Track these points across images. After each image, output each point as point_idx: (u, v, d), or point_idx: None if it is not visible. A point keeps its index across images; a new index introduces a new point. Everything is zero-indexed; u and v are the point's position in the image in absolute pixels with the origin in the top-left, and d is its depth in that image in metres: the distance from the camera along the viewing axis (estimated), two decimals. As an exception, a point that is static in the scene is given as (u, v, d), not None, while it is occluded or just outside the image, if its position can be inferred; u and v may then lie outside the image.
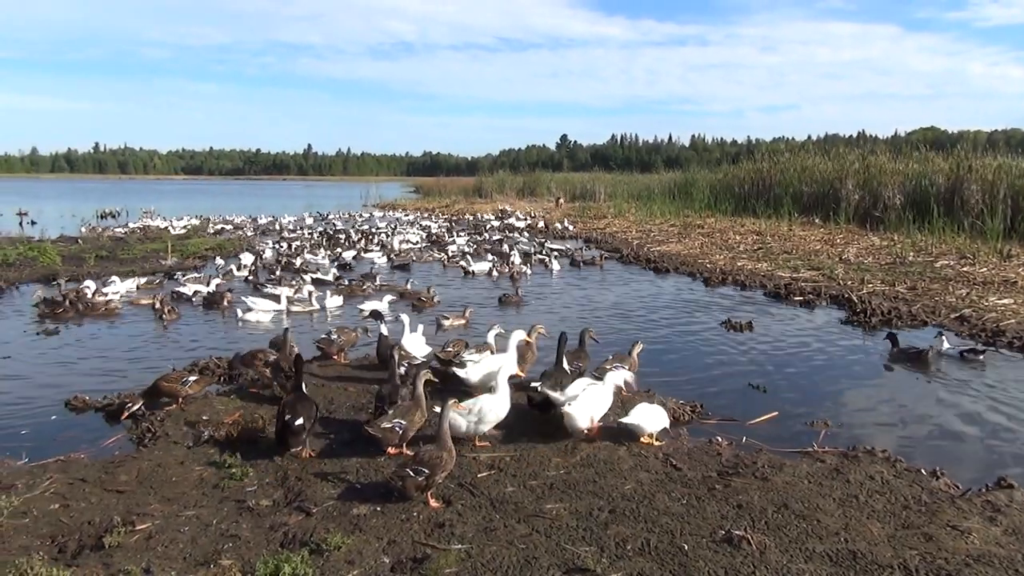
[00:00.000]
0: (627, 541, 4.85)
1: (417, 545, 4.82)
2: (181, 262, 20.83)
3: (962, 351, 10.06)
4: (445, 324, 12.10)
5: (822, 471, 6.11)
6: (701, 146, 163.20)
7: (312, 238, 28.14)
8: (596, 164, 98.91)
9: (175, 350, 10.65)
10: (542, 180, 60.62)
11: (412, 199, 65.26)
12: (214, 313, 13.54)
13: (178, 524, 5.17)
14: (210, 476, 6.03)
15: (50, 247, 21.84)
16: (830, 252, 20.93)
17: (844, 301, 14.08)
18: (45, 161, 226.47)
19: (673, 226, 30.13)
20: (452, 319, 12.28)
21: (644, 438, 6.66)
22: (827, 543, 4.84)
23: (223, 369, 9.12)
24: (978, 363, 9.73)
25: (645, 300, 15.14)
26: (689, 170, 46.91)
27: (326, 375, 9.09)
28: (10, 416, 7.79)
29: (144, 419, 7.40)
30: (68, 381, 9.04)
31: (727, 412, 7.82)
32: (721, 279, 17.35)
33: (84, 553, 4.81)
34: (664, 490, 5.67)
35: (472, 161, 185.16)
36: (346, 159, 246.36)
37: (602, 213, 38.46)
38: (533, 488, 5.73)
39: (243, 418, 7.22)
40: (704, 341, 11.37)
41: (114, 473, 6.09)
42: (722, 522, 5.11)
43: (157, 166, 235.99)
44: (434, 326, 11.90)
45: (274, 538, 4.96)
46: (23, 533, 5.07)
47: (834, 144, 54.38)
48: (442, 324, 12.10)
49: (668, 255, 21.90)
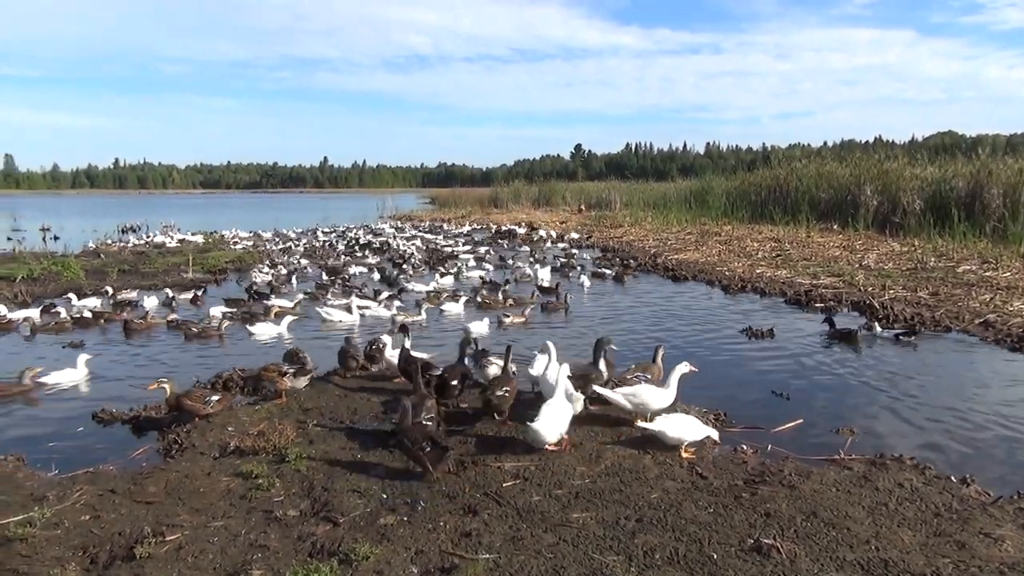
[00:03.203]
0: (655, 550, 4.83)
1: (445, 555, 4.82)
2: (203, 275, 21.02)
3: (896, 334, 11.60)
4: (506, 322, 13.12)
5: (850, 479, 6.06)
6: (716, 154, 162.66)
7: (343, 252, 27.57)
8: (611, 173, 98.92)
9: (202, 361, 10.74)
10: (557, 190, 60.56)
11: (427, 210, 65.51)
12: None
13: (207, 535, 5.21)
14: (237, 487, 6.07)
15: (73, 261, 22.13)
16: (849, 258, 20.77)
17: (866, 307, 13.96)
18: (66, 177, 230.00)
19: (690, 234, 30.03)
20: (512, 318, 13.30)
21: (683, 451, 6.62)
22: (858, 551, 4.80)
23: (245, 381, 9.19)
24: (911, 344, 11.18)
25: (664, 308, 15.09)
26: (704, 178, 46.65)
27: (348, 386, 9.13)
28: (39, 428, 7.90)
29: (171, 431, 7.48)
30: (95, 393, 9.16)
31: (751, 420, 7.77)
32: (740, 286, 17.27)
33: (115, 564, 4.85)
34: (691, 499, 5.65)
35: (487, 171, 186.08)
36: (362, 171, 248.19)
37: (618, 222, 38.41)
38: (559, 497, 5.72)
39: (267, 429, 7.27)
40: (725, 349, 11.32)
41: (143, 484, 6.14)
42: (750, 531, 5.08)
43: (176, 181, 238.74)
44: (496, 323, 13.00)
45: (302, 548, 4.98)
46: (55, 544, 5.13)
47: (850, 150, 54.15)
48: (503, 322, 13.11)
49: (686, 263, 21.83)
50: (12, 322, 13.39)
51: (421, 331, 12.80)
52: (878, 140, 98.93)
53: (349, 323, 13.60)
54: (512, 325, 13.12)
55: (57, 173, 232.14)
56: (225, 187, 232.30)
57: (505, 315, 13.48)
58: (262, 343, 12.09)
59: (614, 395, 7.35)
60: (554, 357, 7.78)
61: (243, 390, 9.01)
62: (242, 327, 12.98)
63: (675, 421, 6.72)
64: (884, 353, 10.91)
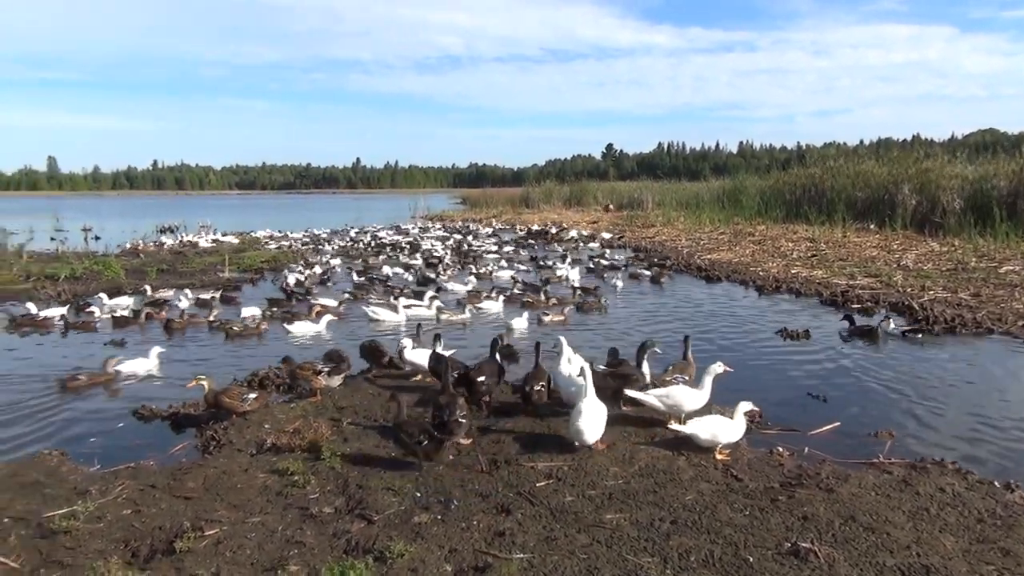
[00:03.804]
0: (690, 552, 4.79)
1: (479, 554, 4.84)
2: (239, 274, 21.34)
3: (903, 331, 11.87)
4: (546, 320, 13.34)
5: (889, 483, 5.95)
6: (749, 153, 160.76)
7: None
8: (642, 173, 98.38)
9: (240, 360, 10.90)
10: (589, 189, 60.31)
11: (459, 210, 65.73)
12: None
13: (245, 530, 5.29)
14: (273, 483, 6.15)
15: (114, 261, 22.63)
16: (887, 258, 20.40)
17: (904, 308, 13.72)
18: (107, 179, 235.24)
19: (723, 234, 29.74)
20: (552, 316, 13.53)
21: (718, 453, 6.56)
22: (898, 557, 4.71)
23: (281, 379, 9.31)
24: (917, 341, 11.50)
25: (698, 309, 14.97)
26: (738, 177, 46.09)
27: (382, 385, 9.20)
28: (82, 424, 8.09)
29: (209, 428, 7.61)
30: (136, 390, 9.35)
31: (787, 422, 7.68)
32: (775, 287, 17.06)
33: (156, 557, 4.95)
34: (726, 501, 5.59)
35: (518, 172, 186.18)
36: (394, 172, 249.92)
37: (650, 222, 38.17)
38: (592, 498, 5.70)
39: (303, 427, 7.36)
40: (760, 350, 11.19)
41: (182, 480, 6.26)
42: (787, 534, 5.02)
43: (212, 182, 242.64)
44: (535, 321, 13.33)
45: (338, 545, 5.03)
46: (98, 537, 5.24)
47: (888, 148, 53.15)
48: (543, 320, 13.35)
49: (719, 263, 21.62)
50: (47, 320, 13.73)
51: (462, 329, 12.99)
52: (916, 138, 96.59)
53: (395, 322, 13.67)
54: (552, 323, 13.26)
55: (98, 175, 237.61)
56: (260, 188, 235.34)
57: (545, 313, 13.70)
58: (301, 342, 12.23)
59: (647, 397, 7.31)
60: (568, 354, 7.88)
61: (279, 388, 9.13)
62: (281, 326, 13.15)
63: (708, 423, 6.66)
64: (924, 355, 10.70)
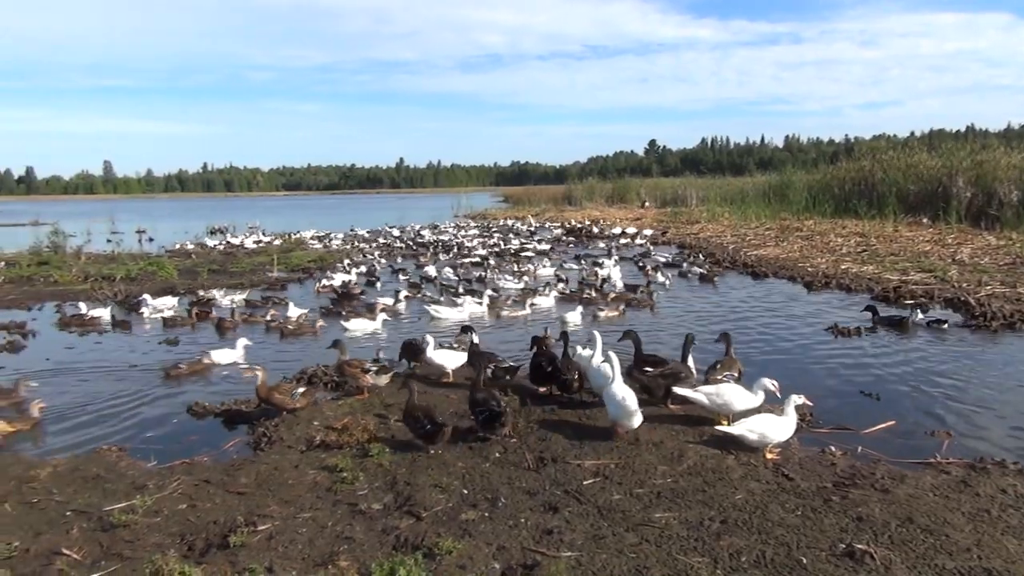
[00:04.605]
0: (741, 553, 4.72)
1: (527, 551, 4.83)
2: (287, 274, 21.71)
3: (928, 321, 12.01)
4: (601, 315, 13.63)
5: (947, 483, 5.78)
6: (796, 146, 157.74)
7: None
8: (686, 168, 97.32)
9: (294, 356, 11.10)
10: (631, 186, 59.90)
11: (501, 208, 65.86)
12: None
13: (296, 525, 5.38)
14: (323, 480, 6.24)
15: (167, 262, 23.26)
16: (941, 253, 19.85)
17: (960, 304, 13.33)
18: (159, 182, 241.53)
19: (769, 229, 29.26)
20: (608, 311, 13.80)
21: (768, 452, 6.46)
22: (958, 560, 4.57)
23: (329, 376, 9.45)
24: (942, 330, 11.65)
25: (745, 305, 14.75)
26: (784, 172, 45.28)
27: (428, 382, 9.26)
28: (139, 420, 8.32)
29: (260, 424, 7.76)
30: (189, 387, 9.58)
31: (839, 420, 7.51)
32: (824, 283, 16.71)
33: (211, 551, 5.06)
34: (777, 501, 5.49)
35: (560, 169, 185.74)
36: (437, 171, 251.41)
37: (695, 218, 37.76)
38: (640, 496, 5.66)
39: (351, 424, 7.45)
40: (810, 347, 10.97)
41: (234, 475, 6.39)
42: (842, 535, 4.90)
43: (260, 183, 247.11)
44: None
45: (387, 541, 5.08)
46: (155, 531, 5.38)
47: (941, 139, 51.70)
48: (598, 316, 13.63)
49: (766, 259, 21.27)
50: (94, 319, 14.19)
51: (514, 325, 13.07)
52: (970, 129, 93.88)
53: (457, 320, 13.75)
54: (607, 319, 13.50)
55: (151, 178, 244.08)
56: (306, 189, 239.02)
57: (600, 308, 13.98)
58: (357, 339, 12.36)
59: (695, 394, 7.22)
60: (599, 348, 8.03)
61: (327, 386, 9.27)
62: (339, 323, 13.30)
63: (757, 423, 6.51)
64: (980, 353, 10.38)
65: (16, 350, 12.03)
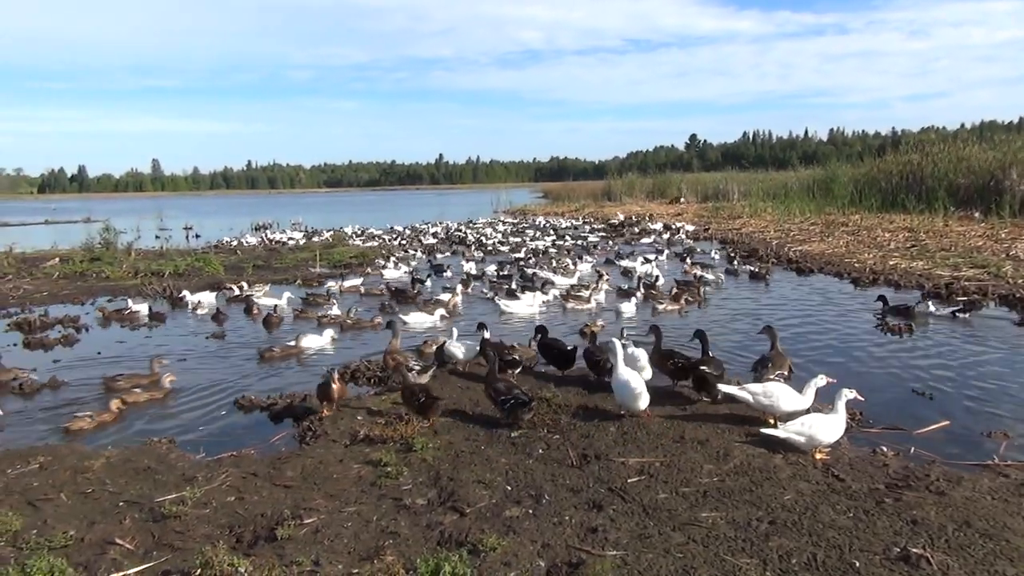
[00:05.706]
0: (791, 555, 4.62)
1: (572, 549, 4.80)
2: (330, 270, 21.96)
3: (952, 311, 12.19)
4: (659, 308, 13.98)
5: (1007, 486, 5.59)
6: (840, 140, 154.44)
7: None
8: (727, 163, 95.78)
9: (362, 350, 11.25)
10: (672, 181, 59.18)
11: (540, 204, 65.72)
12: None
13: (341, 519, 5.42)
14: (368, 474, 6.29)
15: (214, 258, 23.71)
16: (994, 248, 19.21)
17: (1016, 301, 12.90)
18: (205, 179, 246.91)
19: (814, 224, 28.69)
20: (666, 304, 14.12)
21: (816, 453, 6.32)
22: (1020, 567, 4.41)
23: (373, 371, 9.52)
24: (965, 320, 11.85)
25: (790, 302, 14.48)
26: (828, 165, 44.29)
27: (470, 378, 9.28)
28: (188, 413, 8.49)
29: (305, 418, 7.86)
30: (236, 381, 9.75)
31: (890, 420, 7.32)
32: (872, 279, 16.33)
33: (259, 543, 5.13)
34: (827, 502, 5.37)
35: (599, 164, 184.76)
36: (475, 167, 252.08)
37: (737, 213, 37.19)
38: (686, 495, 5.58)
39: (395, 418, 7.50)
40: (859, 345, 10.71)
41: (281, 469, 6.47)
42: (896, 539, 4.77)
43: (302, 180, 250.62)
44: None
45: (431, 536, 5.09)
46: (205, 522, 5.48)
47: (992, 131, 50.08)
48: (656, 308, 14.01)
49: (810, 255, 20.86)
50: (134, 313, 14.66)
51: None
52: (1023, 120, 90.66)
53: (527, 315, 13.86)
54: (666, 312, 13.84)
55: (197, 176, 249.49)
56: (347, 185, 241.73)
57: (660, 302, 14.26)
58: (417, 333, 12.41)
59: (741, 392, 7.10)
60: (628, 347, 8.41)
61: (370, 381, 9.34)
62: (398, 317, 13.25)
63: (805, 426, 6.33)
64: (1040, 351, 10.03)
65: (70, 343, 12.38)
